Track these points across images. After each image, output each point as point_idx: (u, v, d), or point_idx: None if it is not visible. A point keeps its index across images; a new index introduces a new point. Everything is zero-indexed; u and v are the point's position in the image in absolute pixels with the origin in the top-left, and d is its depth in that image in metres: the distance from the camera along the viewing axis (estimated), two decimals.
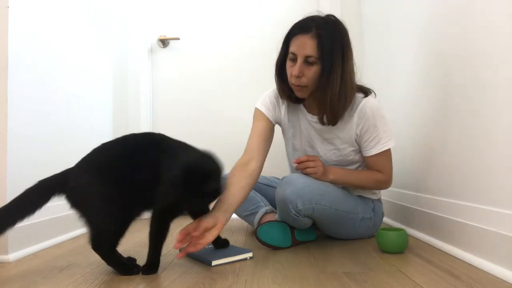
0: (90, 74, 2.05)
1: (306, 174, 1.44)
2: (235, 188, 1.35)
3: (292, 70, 1.39)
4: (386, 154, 1.50)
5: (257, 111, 1.59)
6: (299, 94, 1.45)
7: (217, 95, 2.42)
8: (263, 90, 2.38)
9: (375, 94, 1.50)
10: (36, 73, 1.55)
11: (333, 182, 1.47)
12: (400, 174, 1.80)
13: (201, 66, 2.42)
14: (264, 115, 1.56)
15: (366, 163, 1.54)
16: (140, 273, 1.15)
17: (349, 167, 1.57)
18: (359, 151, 1.54)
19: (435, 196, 1.47)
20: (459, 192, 1.30)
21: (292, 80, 1.41)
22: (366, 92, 1.48)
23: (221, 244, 1.37)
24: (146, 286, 1.06)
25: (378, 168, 1.51)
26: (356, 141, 1.50)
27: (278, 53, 1.49)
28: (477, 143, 1.20)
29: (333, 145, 1.52)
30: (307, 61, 1.36)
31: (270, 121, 1.57)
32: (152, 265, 1.16)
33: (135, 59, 2.35)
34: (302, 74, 1.37)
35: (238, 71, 2.41)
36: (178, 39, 2.40)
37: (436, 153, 1.47)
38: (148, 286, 1.06)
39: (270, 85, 2.36)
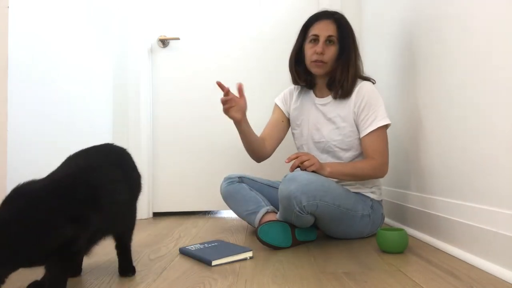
0: (90, 74, 2.05)
1: (303, 168, 1.47)
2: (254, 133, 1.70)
3: (314, 49, 1.61)
4: (382, 135, 1.57)
5: (274, 105, 1.86)
6: (316, 70, 1.63)
7: (217, 95, 2.40)
8: (264, 90, 2.40)
9: (374, 82, 1.67)
10: (36, 73, 1.56)
11: (330, 176, 1.51)
12: (400, 174, 1.80)
13: (201, 66, 2.41)
14: (278, 107, 1.84)
15: (363, 147, 1.60)
16: None
17: (348, 153, 1.63)
18: (358, 135, 1.62)
19: (434, 196, 1.47)
20: (459, 192, 1.30)
21: (313, 57, 1.61)
22: (367, 79, 1.66)
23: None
24: (146, 286, 1.06)
25: (373, 151, 1.56)
26: (354, 122, 1.61)
27: (295, 42, 1.71)
28: (477, 143, 1.20)
29: (334, 124, 1.65)
30: (328, 41, 1.60)
31: (283, 113, 1.82)
32: None
33: (135, 59, 2.35)
34: (324, 52, 1.59)
35: (238, 71, 2.41)
36: (178, 39, 2.39)
37: (436, 153, 1.47)
38: (148, 287, 1.06)
39: (269, 85, 2.38)
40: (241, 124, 1.61)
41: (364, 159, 1.60)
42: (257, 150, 1.72)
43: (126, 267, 1.17)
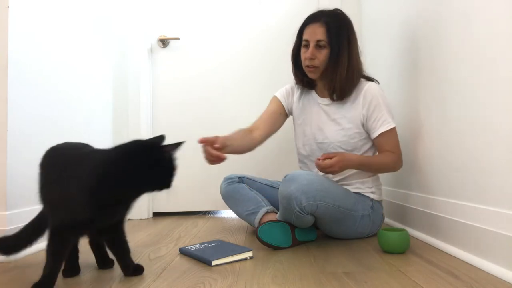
0: (90, 74, 2.05)
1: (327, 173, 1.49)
2: (237, 139, 1.62)
3: (306, 54, 1.60)
4: (393, 133, 1.59)
5: (273, 97, 1.82)
6: (311, 75, 1.63)
7: (217, 95, 2.42)
8: (264, 90, 2.40)
9: (378, 82, 1.65)
10: (36, 73, 1.56)
11: (359, 166, 1.56)
12: (400, 174, 1.80)
13: (201, 66, 2.42)
14: (278, 99, 1.79)
15: (378, 145, 1.60)
16: None
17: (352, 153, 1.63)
18: (364, 137, 1.62)
19: (435, 196, 1.47)
20: (459, 192, 1.30)
21: (306, 63, 1.61)
22: (371, 80, 1.65)
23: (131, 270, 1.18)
24: (146, 286, 1.06)
25: (389, 148, 1.58)
26: (363, 124, 1.60)
27: (293, 45, 1.70)
28: (477, 143, 1.20)
29: (339, 125, 1.63)
30: (318, 45, 1.57)
31: (282, 105, 1.78)
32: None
33: (135, 59, 2.35)
34: (314, 57, 1.58)
35: (238, 71, 2.41)
36: (178, 39, 2.39)
37: (436, 153, 1.47)
38: (148, 287, 1.06)
39: (270, 85, 2.38)
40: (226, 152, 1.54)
41: (383, 153, 1.59)
42: (246, 149, 1.68)
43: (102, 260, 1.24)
